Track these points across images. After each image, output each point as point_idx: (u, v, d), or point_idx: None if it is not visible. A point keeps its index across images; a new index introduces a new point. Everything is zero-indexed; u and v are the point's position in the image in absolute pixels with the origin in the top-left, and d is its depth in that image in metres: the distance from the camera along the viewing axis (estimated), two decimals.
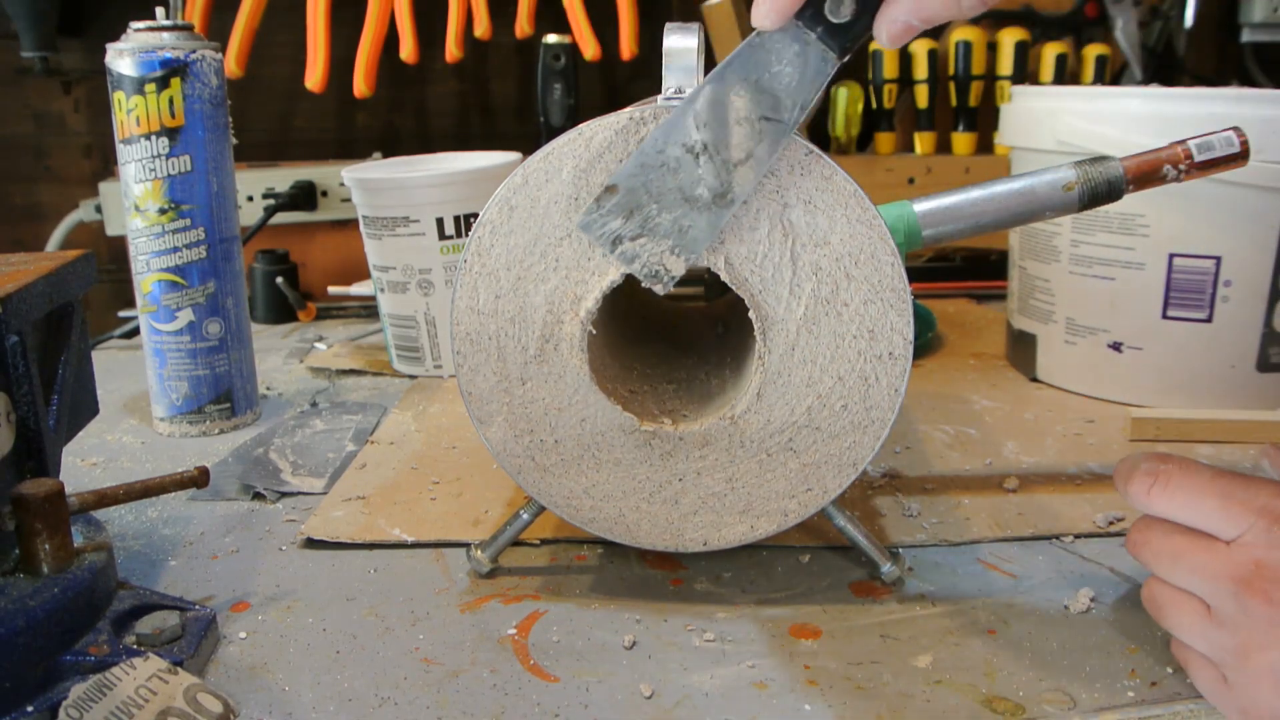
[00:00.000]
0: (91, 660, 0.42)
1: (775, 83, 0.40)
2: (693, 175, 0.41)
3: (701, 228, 0.41)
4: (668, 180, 0.41)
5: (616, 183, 0.40)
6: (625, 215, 0.41)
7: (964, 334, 0.97)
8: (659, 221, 0.41)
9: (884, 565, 0.50)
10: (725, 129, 0.41)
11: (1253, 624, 0.37)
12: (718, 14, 1.25)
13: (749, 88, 0.40)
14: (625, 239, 0.41)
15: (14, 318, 0.46)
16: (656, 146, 0.40)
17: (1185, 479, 0.41)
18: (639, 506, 0.49)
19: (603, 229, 0.41)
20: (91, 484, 0.60)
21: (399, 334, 0.86)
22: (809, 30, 0.39)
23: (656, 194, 0.41)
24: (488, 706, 0.42)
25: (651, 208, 0.41)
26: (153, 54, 0.68)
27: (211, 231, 0.71)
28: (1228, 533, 0.39)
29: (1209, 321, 0.72)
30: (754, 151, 0.41)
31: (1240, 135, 0.53)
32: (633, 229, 0.41)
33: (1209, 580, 0.39)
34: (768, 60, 0.40)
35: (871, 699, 0.42)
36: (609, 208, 0.41)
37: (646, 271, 0.41)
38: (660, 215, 0.41)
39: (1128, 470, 0.43)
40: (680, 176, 0.41)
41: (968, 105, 1.23)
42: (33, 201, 1.35)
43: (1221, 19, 1.39)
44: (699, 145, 0.40)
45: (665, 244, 0.41)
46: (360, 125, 1.38)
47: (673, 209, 0.41)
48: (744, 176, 0.41)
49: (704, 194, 0.41)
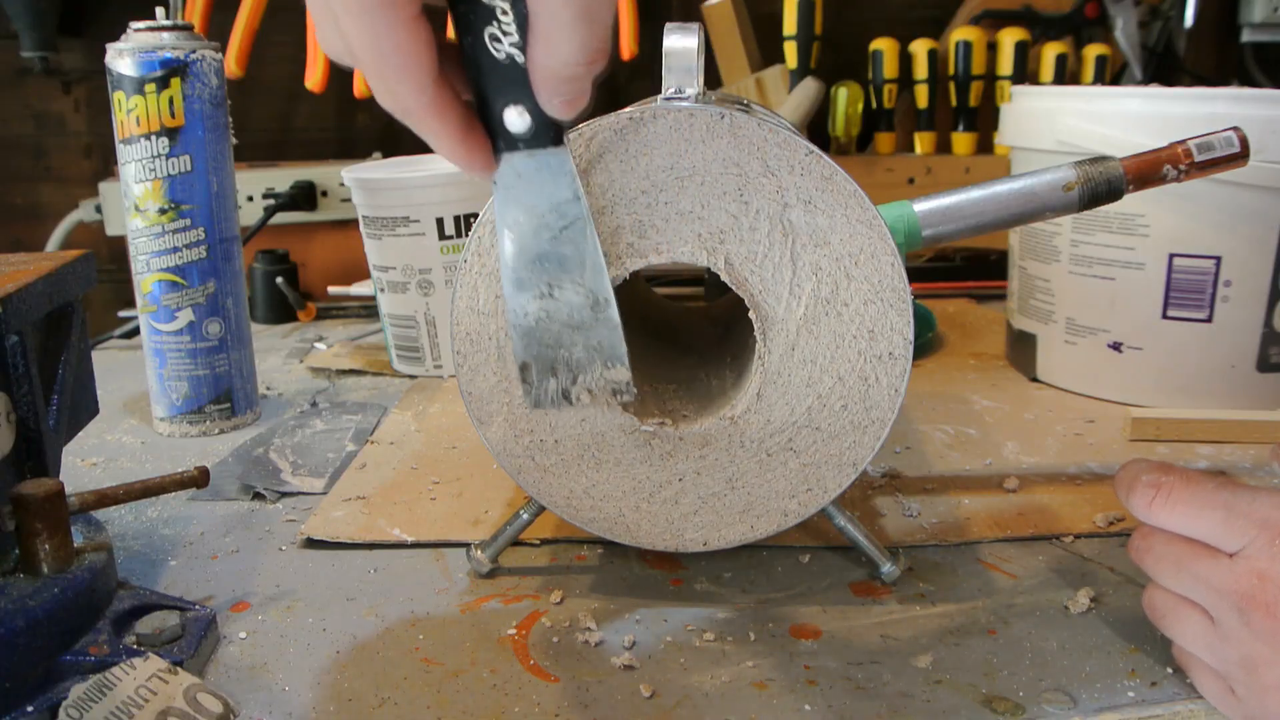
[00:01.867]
0: (91, 660, 0.42)
1: (543, 200, 0.40)
2: (561, 309, 0.42)
3: (606, 334, 0.42)
4: (550, 327, 0.42)
5: (524, 360, 0.42)
6: (551, 374, 0.42)
7: (964, 334, 0.97)
8: (577, 357, 0.42)
9: (884, 565, 0.50)
10: (545, 261, 0.41)
11: (1257, 638, 0.37)
12: (718, 14, 1.25)
13: (527, 222, 0.41)
14: (570, 389, 0.43)
15: (14, 318, 0.46)
16: (517, 317, 0.42)
17: (1187, 491, 0.41)
18: (639, 506, 0.49)
19: (548, 396, 0.43)
20: (91, 484, 0.60)
21: (399, 334, 0.86)
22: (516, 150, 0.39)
23: (555, 343, 0.42)
24: (488, 706, 0.42)
25: (561, 353, 0.42)
26: (153, 54, 0.68)
27: (211, 231, 0.71)
28: (1230, 545, 0.39)
29: (1209, 321, 0.72)
30: (582, 254, 0.41)
31: (1240, 135, 0.53)
32: (566, 378, 0.42)
33: (1212, 592, 0.39)
34: (515, 195, 0.40)
35: (871, 699, 0.42)
36: (536, 379, 0.43)
37: (605, 398, 0.43)
38: (573, 352, 0.42)
39: (1129, 481, 0.43)
40: (555, 318, 0.42)
41: (968, 105, 1.23)
42: (33, 201, 1.35)
43: (1221, 19, 1.39)
44: (542, 289, 0.41)
45: (596, 367, 0.42)
46: (360, 125, 1.38)
47: (574, 340, 0.42)
48: (593, 277, 0.41)
49: (583, 314, 0.42)
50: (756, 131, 0.44)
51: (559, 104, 0.36)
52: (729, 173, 0.45)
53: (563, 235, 0.41)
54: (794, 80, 1.23)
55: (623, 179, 0.45)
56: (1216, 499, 0.40)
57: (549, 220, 0.41)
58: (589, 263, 0.41)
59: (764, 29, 1.30)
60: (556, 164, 0.39)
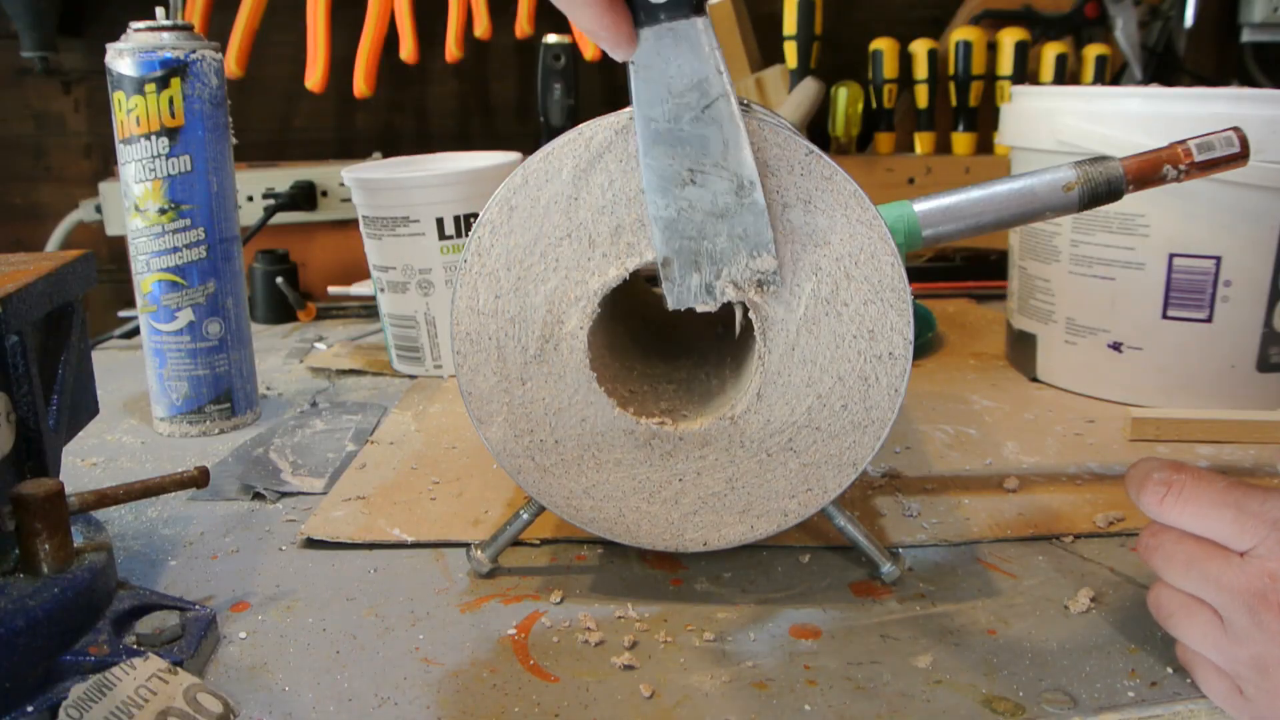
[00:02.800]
0: (91, 660, 0.42)
1: (683, 78, 0.40)
2: (704, 195, 0.41)
3: (751, 220, 0.41)
4: (693, 217, 0.41)
5: (663, 254, 0.41)
6: (694, 267, 0.42)
7: (964, 334, 0.97)
8: (721, 248, 0.41)
9: (884, 565, 0.50)
10: (686, 145, 0.41)
11: (1268, 639, 0.37)
12: (718, 14, 1.25)
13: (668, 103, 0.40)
14: (714, 283, 0.42)
15: (14, 318, 0.46)
16: (658, 209, 0.41)
17: (1199, 490, 0.41)
18: (639, 506, 0.49)
19: (691, 293, 0.42)
20: (91, 484, 0.60)
21: (399, 334, 0.86)
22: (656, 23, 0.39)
23: (697, 233, 0.41)
24: (488, 706, 0.42)
25: (704, 244, 0.41)
26: (153, 54, 0.68)
27: (211, 231, 0.71)
28: (1241, 544, 0.39)
29: (1209, 321, 0.72)
30: (725, 136, 0.40)
31: (1240, 135, 0.53)
32: (710, 272, 0.42)
33: (1222, 592, 0.39)
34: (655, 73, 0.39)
35: (871, 699, 0.42)
36: (678, 274, 0.42)
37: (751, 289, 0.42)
38: (717, 243, 0.42)
39: (1140, 478, 0.43)
40: (698, 205, 0.41)
41: (968, 105, 1.23)
42: (33, 201, 1.35)
43: (1221, 19, 1.39)
44: (683, 173, 0.41)
45: (741, 257, 0.41)
46: (360, 125, 1.38)
47: (718, 230, 0.41)
48: (738, 158, 0.41)
49: (727, 199, 0.41)
50: (756, 131, 0.44)
51: None
52: None
53: (705, 115, 0.40)
54: (794, 80, 1.23)
55: (623, 179, 0.45)
56: (1227, 498, 0.40)
57: (689, 99, 0.40)
58: (731, 143, 0.40)
59: (764, 29, 1.30)
60: (696, 35, 0.38)
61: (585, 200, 0.46)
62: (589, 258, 0.46)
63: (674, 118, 0.40)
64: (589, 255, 0.46)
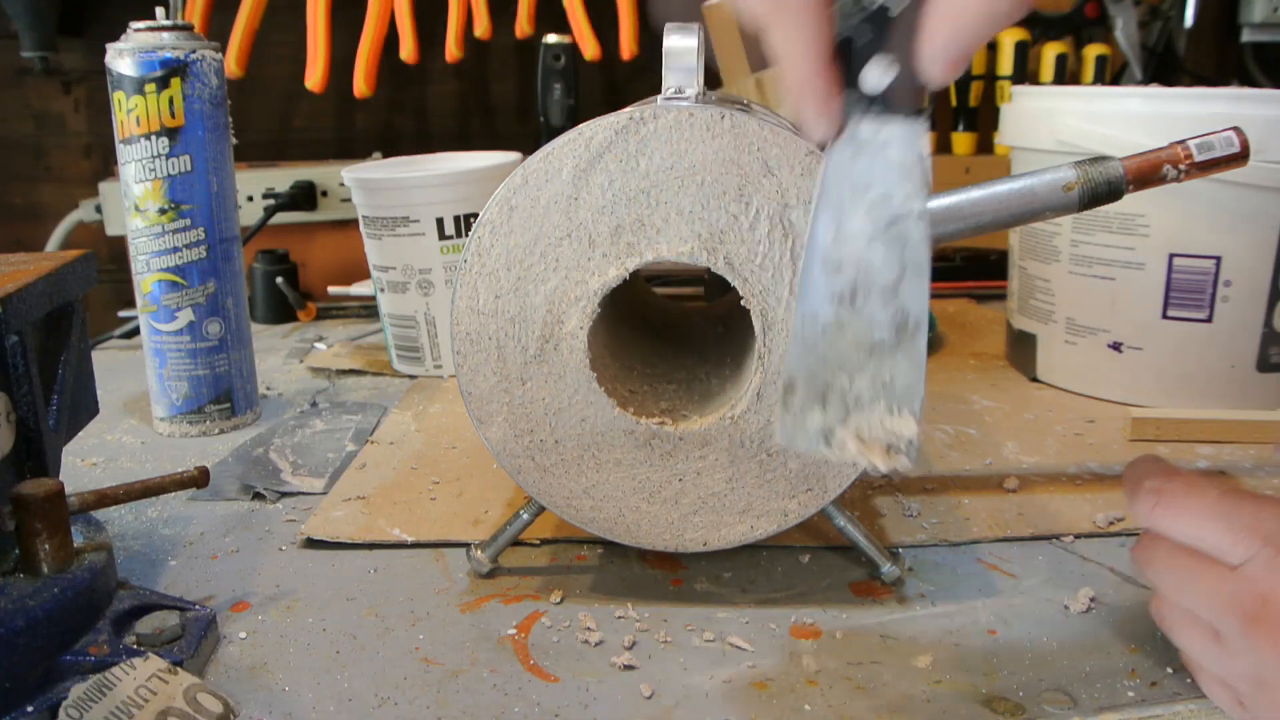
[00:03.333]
0: (91, 660, 0.42)
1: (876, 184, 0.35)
2: (861, 323, 0.35)
3: (904, 370, 0.35)
4: (840, 344, 0.35)
5: (792, 375, 0.35)
6: (820, 403, 0.36)
7: (964, 334, 0.97)
8: (858, 390, 0.35)
9: (884, 565, 0.50)
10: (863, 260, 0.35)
11: (1264, 659, 0.37)
12: (718, 14, 1.25)
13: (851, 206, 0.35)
14: (834, 430, 0.36)
15: (14, 318, 0.46)
16: (806, 319, 0.35)
17: (1189, 500, 0.40)
18: (639, 506, 0.49)
19: (807, 431, 0.36)
20: (91, 484, 0.60)
21: (399, 334, 0.86)
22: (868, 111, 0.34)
23: (837, 363, 0.35)
24: (488, 706, 0.42)
25: (841, 379, 0.35)
26: (153, 54, 0.68)
27: (211, 231, 0.71)
28: (1233, 558, 0.38)
29: (1209, 321, 0.72)
30: (904, 259, 0.35)
31: (1240, 135, 0.53)
32: (837, 414, 0.35)
33: (1216, 610, 0.39)
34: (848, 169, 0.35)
35: (871, 699, 0.42)
36: (799, 405, 0.36)
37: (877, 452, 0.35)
38: (855, 382, 0.35)
39: (1132, 485, 0.42)
40: (849, 332, 0.35)
41: (968, 105, 1.23)
42: (33, 201, 1.35)
43: (1221, 19, 1.39)
44: (847, 292, 0.35)
45: (878, 410, 0.35)
46: (360, 125, 1.38)
47: (863, 368, 0.35)
48: (912, 291, 0.35)
49: (885, 335, 0.35)
50: (757, 131, 0.44)
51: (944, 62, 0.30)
52: (729, 172, 0.45)
53: (888, 232, 0.35)
54: None
55: (623, 179, 0.45)
56: (1218, 509, 0.39)
57: (877, 210, 0.35)
58: (910, 273, 0.34)
59: None
60: (907, 138, 0.34)
61: (585, 200, 0.46)
62: (589, 258, 0.46)
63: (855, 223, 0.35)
64: (589, 255, 0.46)
